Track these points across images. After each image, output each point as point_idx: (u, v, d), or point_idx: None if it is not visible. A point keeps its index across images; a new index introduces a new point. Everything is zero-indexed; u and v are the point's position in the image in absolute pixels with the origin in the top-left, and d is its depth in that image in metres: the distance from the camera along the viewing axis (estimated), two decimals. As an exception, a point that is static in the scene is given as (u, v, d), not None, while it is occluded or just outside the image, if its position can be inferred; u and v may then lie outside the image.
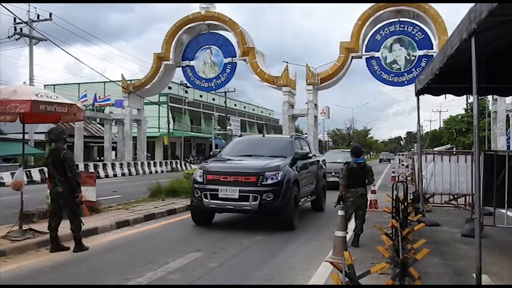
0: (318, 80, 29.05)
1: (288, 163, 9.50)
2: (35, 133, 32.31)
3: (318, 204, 12.04)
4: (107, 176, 28.38)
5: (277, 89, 30.10)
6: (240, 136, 12.55)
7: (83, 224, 7.51)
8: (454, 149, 27.36)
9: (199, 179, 9.29)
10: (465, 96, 9.74)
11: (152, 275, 5.83)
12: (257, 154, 10.12)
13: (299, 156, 10.21)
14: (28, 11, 29.59)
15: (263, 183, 8.78)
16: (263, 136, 12.90)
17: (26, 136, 23.82)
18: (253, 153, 10.21)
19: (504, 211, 8.92)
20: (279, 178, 8.85)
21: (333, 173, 15.96)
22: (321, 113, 36.33)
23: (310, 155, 11.24)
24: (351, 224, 7.90)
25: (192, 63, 31.21)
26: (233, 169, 9.30)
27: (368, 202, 12.35)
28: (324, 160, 13.70)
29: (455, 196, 12.65)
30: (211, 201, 9.01)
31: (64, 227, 7.36)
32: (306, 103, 30.22)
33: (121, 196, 14.52)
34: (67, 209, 7.19)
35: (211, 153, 12.34)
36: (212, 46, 30.86)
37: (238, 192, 8.77)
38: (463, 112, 56.55)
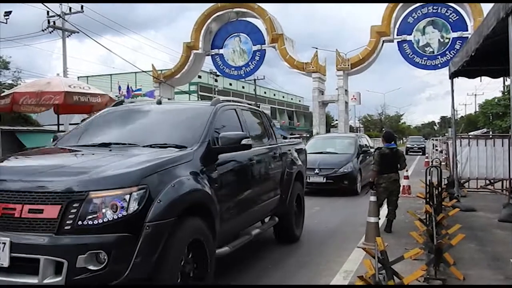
0: (348, 65, 28.73)
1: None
2: (70, 124, 33.06)
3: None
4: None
5: (306, 76, 29.93)
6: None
7: None
8: (491, 133, 26.61)
9: None
10: (502, 78, 9.41)
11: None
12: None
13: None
14: (60, 4, 30.17)
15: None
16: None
17: (61, 128, 24.40)
18: None
19: (543, 195, 8.65)
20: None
21: (316, 171, 12.28)
22: (352, 99, 35.95)
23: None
24: (384, 211, 7.81)
25: (221, 51, 31.31)
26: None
27: (401, 188, 12.26)
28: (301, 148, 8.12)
29: (492, 181, 12.34)
30: None
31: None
32: (337, 89, 29.97)
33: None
34: None
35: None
36: (241, 33, 30.86)
37: None
38: (499, 95, 54.83)
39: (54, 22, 29.11)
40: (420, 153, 39.01)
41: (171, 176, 3.75)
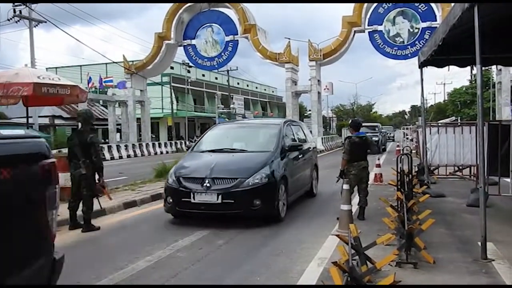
0: (321, 56, 28.90)
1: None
2: (39, 116, 32.37)
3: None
4: (112, 158, 28.47)
5: (279, 66, 29.97)
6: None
7: (101, 208, 8.13)
8: (459, 121, 27.29)
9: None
10: (469, 67, 9.65)
11: (161, 253, 5.91)
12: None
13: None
14: (26, -7, 29.33)
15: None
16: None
17: (30, 120, 23.89)
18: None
19: (509, 180, 8.94)
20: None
21: (206, 183, 7.44)
22: (325, 89, 36.22)
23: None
24: (356, 199, 7.96)
25: (193, 42, 31.07)
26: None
27: (373, 176, 12.46)
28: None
29: (460, 167, 12.69)
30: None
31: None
32: (309, 79, 30.14)
33: (127, 178, 14.60)
34: (85, 190, 7.32)
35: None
36: (213, 24, 30.66)
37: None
38: (467, 83, 56.09)
39: (20, 11, 28.31)
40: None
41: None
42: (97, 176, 7.50)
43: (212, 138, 9.51)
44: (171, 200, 7.69)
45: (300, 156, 9.31)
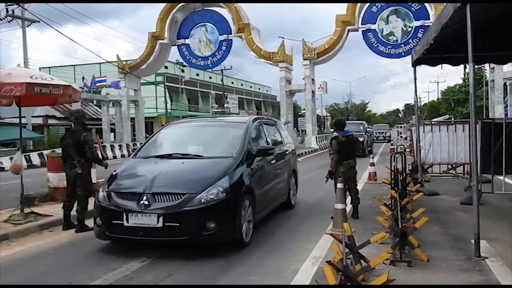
0: (314, 54, 28.92)
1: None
2: (32, 116, 32.21)
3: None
4: (106, 158, 28.36)
5: (274, 65, 29.97)
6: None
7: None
8: (452, 119, 27.40)
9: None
10: (462, 66, 9.70)
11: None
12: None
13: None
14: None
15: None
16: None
17: (23, 120, 23.75)
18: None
19: (502, 178, 8.99)
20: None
21: (144, 200, 5.73)
22: (319, 88, 36.31)
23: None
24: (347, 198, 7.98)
25: (187, 41, 30.99)
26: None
27: (367, 174, 12.49)
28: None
29: (454, 165, 12.74)
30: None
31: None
32: (303, 78, 30.16)
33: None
34: (80, 189, 7.30)
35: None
36: (207, 23, 30.59)
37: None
38: (461, 82, 56.35)
39: (13, 11, 28.16)
40: (385, 141, 39.04)
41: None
42: (94, 175, 7.49)
43: (162, 140, 7.74)
44: (100, 222, 6.00)
45: (273, 162, 7.63)
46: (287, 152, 8.88)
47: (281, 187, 8.17)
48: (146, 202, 5.65)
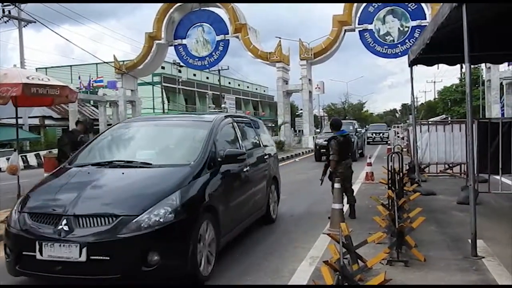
0: (311, 55, 28.94)
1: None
2: (29, 117, 32.16)
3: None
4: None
5: (270, 65, 29.99)
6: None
7: None
8: (449, 119, 27.46)
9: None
10: (459, 66, 9.72)
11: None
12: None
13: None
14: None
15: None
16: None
17: (20, 121, 23.70)
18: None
19: (498, 177, 9.01)
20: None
21: (63, 225, 4.21)
22: (316, 88, 36.31)
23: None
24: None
25: (184, 41, 30.99)
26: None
27: (364, 174, 12.51)
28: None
29: (451, 165, 12.75)
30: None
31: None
32: (300, 78, 30.19)
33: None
34: None
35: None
36: (204, 23, 30.60)
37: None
38: (457, 82, 56.48)
39: (9, 11, 28.10)
40: (382, 142, 36.08)
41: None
42: None
43: (106, 143, 6.10)
44: (9, 252, 4.54)
45: (246, 169, 6.23)
46: (266, 157, 7.43)
47: (258, 199, 6.80)
48: (66, 228, 4.19)
